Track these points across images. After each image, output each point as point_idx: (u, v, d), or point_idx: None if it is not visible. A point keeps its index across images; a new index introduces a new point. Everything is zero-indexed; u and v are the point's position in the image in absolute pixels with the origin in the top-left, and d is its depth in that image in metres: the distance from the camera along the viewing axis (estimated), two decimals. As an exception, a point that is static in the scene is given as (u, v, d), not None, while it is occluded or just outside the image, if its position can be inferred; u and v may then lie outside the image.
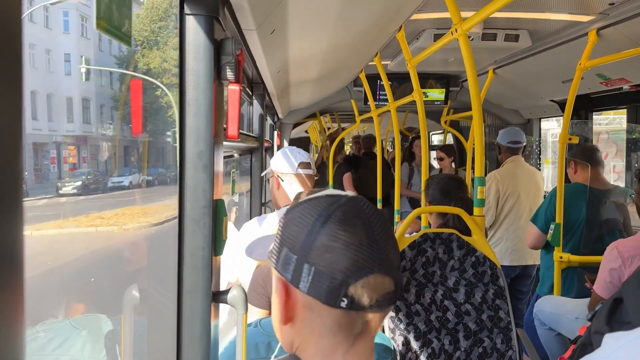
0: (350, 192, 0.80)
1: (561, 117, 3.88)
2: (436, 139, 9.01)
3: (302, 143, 9.67)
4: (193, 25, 1.21)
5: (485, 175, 3.87)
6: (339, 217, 0.75)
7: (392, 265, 0.75)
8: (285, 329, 0.80)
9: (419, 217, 3.30)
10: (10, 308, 0.39)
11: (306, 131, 9.84)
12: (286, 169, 2.46)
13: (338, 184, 5.68)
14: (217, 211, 1.27)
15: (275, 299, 0.81)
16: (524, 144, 4.05)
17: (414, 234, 2.28)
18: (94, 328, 1.31)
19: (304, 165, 2.47)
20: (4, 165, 0.39)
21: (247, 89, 3.26)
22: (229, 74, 1.28)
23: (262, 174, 3.47)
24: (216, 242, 1.26)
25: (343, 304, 0.73)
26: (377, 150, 5.07)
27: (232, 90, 1.32)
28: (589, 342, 1.75)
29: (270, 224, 2.37)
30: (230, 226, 2.35)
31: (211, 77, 1.22)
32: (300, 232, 0.76)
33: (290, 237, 0.77)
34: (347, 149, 9.76)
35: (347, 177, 5.67)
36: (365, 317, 0.75)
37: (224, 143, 1.43)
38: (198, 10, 1.20)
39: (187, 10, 1.20)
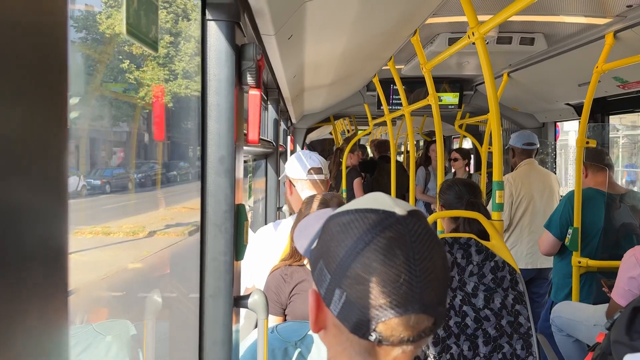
0: (404, 207, 0.72)
1: (577, 121, 3.85)
2: (457, 142, 8.98)
3: (327, 144, 9.56)
4: (214, 31, 1.21)
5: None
6: (380, 245, 0.68)
7: (432, 302, 0.69)
8: (320, 334, 0.78)
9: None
10: (55, 306, 0.39)
11: (330, 132, 9.82)
12: (298, 174, 2.47)
13: (349, 189, 5.72)
14: (239, 216, 1.27)
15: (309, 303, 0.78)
16: (538, 146, 4.03)
17: None
18: (118, 333, 1.31)
19: (315, 170, 2.47)
20: (49, 165, 0.39)
21: (263, 94, 3.28)
22: (250, 79, 1.28)
23: (279, 178, 3.49)
24: (237, 247, 1.26)
25: (371, 338, 0.69)
26: (392, 154, 5.07)
27: (253, 95, 1.33)
28: (609, 352, 1.73)
29: (284, 229, 2.37)
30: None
31: (232, 82, 1.23)
32: (337, 251, 0.71)
33: (328, 252, 0.72)
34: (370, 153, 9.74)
35: (357, 182, 5.72)
36: (397, 350, 0.71)
37: (242, 147, 1.43)
38: (219, 15, 1.21)
39: (208, 15, 1.21)
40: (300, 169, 2.46)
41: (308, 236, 0.81)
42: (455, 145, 8.93)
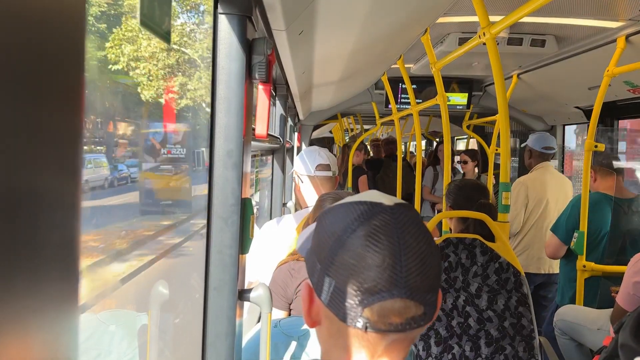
0: (392, 200, 0.75)
1: (586, 124, 3.83)
2: (461, 143, 8.96)
3: (326, 143, 9.59)
4: (226, 25, 1.21)
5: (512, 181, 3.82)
6: (366, 232, 0.70)
7: (419, 288, 0.70)
8: (316, 329, 0.79)
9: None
10: (67, 301, 0.39)
11: (330, 131, 9.83)
12: (304, 171, 2.46)
13: (355, 186, 5.74)
14: (245, 210, 1.27)
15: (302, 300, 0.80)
16: (555, 150, 3.99)
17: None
18: (122, 323, 1.32)
19: (322, 167, 2.46)
20: (64, 165, 0.39)
21: (271, 90, 3.27)
22: (260, 74, 1.28)
23: (289, 173, 3.48)
24: (243, 241, 1.27)
25: (359, 325, 0.70)
26: (398, 153, 5.07)
27: (263, 90, 1.33)
28: (616, 354, 1.73)
29: (286, 225, 2.38)
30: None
31: (242, 76, 1.23)
32: (327, 241, 0.73)
33: (319, 244, 0.75)
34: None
35: (362, 180, 5.73)
36: (388, 338, 0.71)
37: (250, 142, 1.43)
38: (231, 9, 1.21)
39: (220, 9, 1.21)
40: (307, 166, 2.46)
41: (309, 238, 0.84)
42: (460, 146, 8.90)
